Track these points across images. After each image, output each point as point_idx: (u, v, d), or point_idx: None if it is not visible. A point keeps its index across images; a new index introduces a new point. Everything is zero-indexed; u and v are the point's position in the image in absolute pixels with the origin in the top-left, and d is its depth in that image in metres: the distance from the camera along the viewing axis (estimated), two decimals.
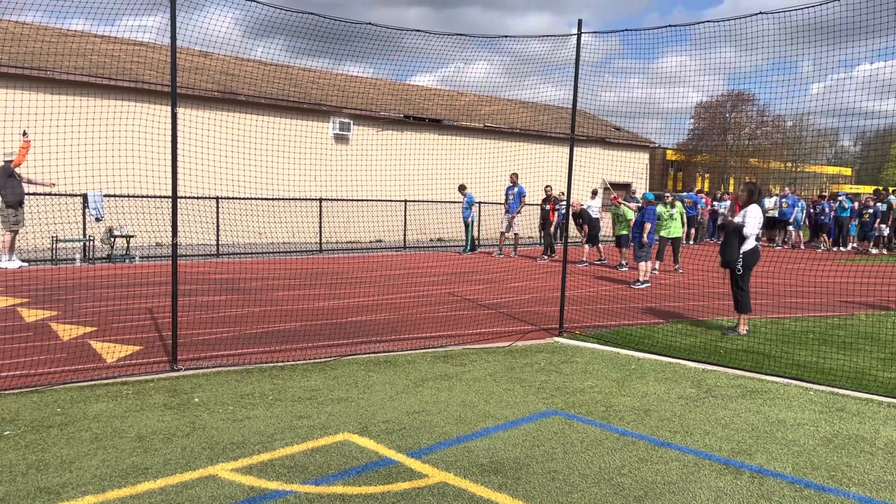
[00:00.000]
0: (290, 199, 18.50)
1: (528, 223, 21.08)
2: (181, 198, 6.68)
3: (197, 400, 5.56)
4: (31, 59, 16.57)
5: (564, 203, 23.23)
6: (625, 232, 15.44)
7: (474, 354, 7.34)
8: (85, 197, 14.93)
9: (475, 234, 19.93)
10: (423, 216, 20.96)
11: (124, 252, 15.30)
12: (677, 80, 8.80)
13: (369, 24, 8.09)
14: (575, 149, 8.59)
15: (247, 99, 19.66)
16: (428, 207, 20.67)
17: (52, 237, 14.42)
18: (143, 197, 15.71)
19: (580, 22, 8.16)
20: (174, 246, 6.54)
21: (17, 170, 13.21)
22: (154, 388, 5.83)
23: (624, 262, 15.68)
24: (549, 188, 18.77)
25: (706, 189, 34.93)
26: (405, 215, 20.88)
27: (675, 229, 14.95)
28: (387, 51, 9.20)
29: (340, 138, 22.20)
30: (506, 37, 9.05)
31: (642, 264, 12.96)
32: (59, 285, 10.98)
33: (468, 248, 19.17)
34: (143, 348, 7.17)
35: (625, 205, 15.60)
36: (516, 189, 18.24)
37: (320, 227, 19.17)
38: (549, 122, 27.76)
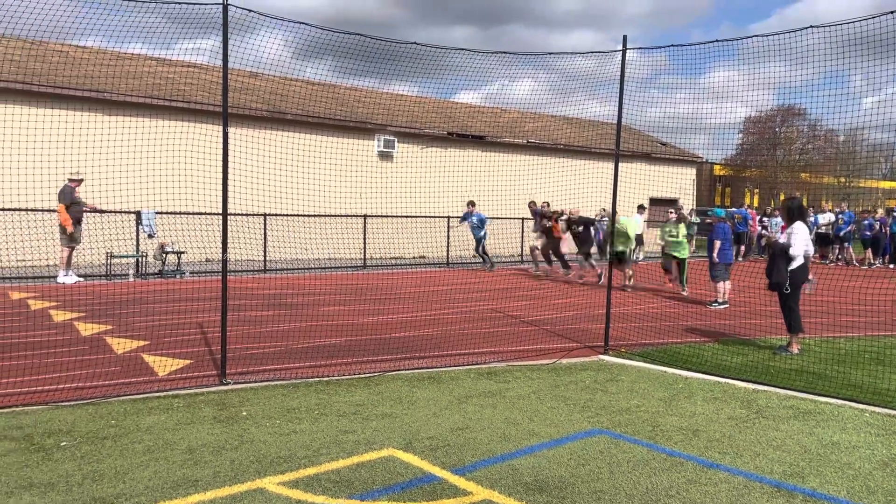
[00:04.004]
0: (335, 216, 18.74)
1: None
2: (231, 215, 6.84)
3: (245, 413, 5.66)
4: (89, 83, 17.20)
5: (606, 220, 22.98)
6: (623, 248, 14.75)
7: (518, 371, 7.32)
8: (139, 214, 15.38)
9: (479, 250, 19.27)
10: (467, 233, 21.00)
11: (175, 268, 15.69)
12: (725, 94, 8.69)
13: (415, 43, 8.21)
14: (620, 164, 8.54)
15: (294, 118, 20.05)
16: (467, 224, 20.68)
17: (107, 253, 14.87)
18: (194, 214, 16.11)
19: (625, 38, 8.14)
20: (224, 262, 6.70)
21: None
22: (204, 402, 5.96)
23: (629, 281, 14.95)
24: (545, 204, 17.74)
25: (755, 205, 34.23)
26: (448, 232, 20.95)
27: (682, 250, 14.10)
28: (432, 69, 9.31)
29: (385, 156, 22.44)
30: (550, 54, 9.08)
31: (720, 284, 12.57)
32: (114, 300, 11.31)
33: (489, 264, 18.92)
34: (194, 362, 7.33)
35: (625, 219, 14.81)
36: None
37: (364, 243, 19.36)
38: (594, 138, 27.61)
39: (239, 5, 6.63)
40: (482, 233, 18.72)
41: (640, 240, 22.73)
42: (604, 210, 22.84)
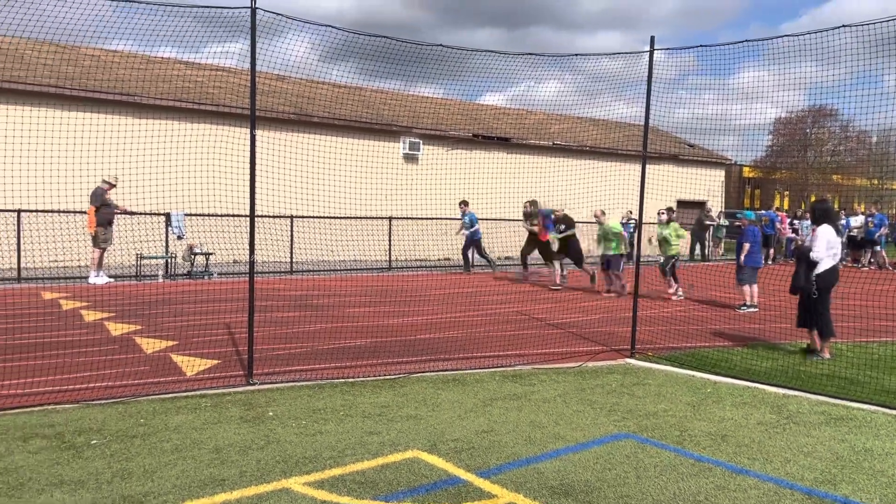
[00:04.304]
0: (360, 218, 18.82)
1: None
2: (258, 217, 6.90)
3: (271, 414, 5.69)
4: (120, 86, 17.48)
5: (633, 223, 22.70)
6: (614, 251, 14.21)
7: (543, 374, 7.28)
8: (168, 216, 15.59)
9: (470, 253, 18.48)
10: (492, 235, 20.96)
11: (204, 269, 15.86)
12: (754, 95, 8.57)
13: (441, 45, 8.22)
14: (647, 166, 8.46)
15: (320, 120, 20.19)
16: (496, 226, 20.66)
17: (137, 254, 15.08)
18: (222, 216, 16.29)
19: (652, 39, 8.07)
20: (251, 263, 6.76)
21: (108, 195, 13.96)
22: (231, 402, 6.01)
23: (624, 285, 14.05)
24: (528, 203, 16.71)
25: (786, 207, 33.73)
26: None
27: (671, 249, 13.67)
28: (457, 71, 9.31)
29: (410, 158, 22.50)
30: (577, 55, 9.03)
31: (746, 287, 12.41)
32: (143, 300, 11.47)
33: (493, 265, 18.30)
34: (221, 362, 7.40)
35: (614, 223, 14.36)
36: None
37: (389, 245, 19.42)
38: (621, 140, 27.43)
39: (267, 9, 6.69)
40: (472, 232, 17.98)
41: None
42: (630, 213, 22.67)
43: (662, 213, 13.91)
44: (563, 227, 15.01)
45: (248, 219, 6.82)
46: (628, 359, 8.11)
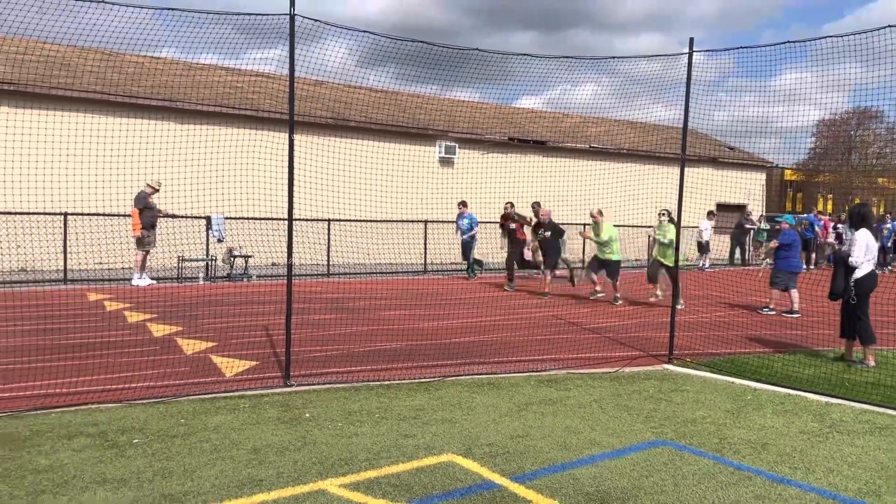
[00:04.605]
0: (396, 221, 18.92)
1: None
2: (296, 220, 6.99)
3: (308, 415, 5.75)
4: (163, 92, 17.86)
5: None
6: (615, 257, 13.22)
7: (579, 379, 7.23)
8: (209, 219, 15.86)
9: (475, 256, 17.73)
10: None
11: (243, 271, 16.10)
12: (796, 97, 8.40)
13: (477, 49, 8.23)
14: (686, 169, 8.35)
15: (357, 125, 20.36)
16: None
17: (179, 257, 15.38)
18: (260, 219, 16.54)
19: (692, 40, 7.97)
20: (289, 266, 6.85)
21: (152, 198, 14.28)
22: (268, 403, 6.09)
23: (617, 295, 13.21)
24: (508, 205, 15.96)
25: (829, 210, 32.96)
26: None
27: (671, 256, 12.16)
28: (493, 75, 9.31)
29: (446, 161, 22.54)
30: (614, 57, 8.96)
31: (775, 291, 12.14)
32: (184, 302, 11.69)
33: (471, 270, 17.31)
34: (259, 364, 7.51)
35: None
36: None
37: (425, 248, 19.48)
38: (659, 143, 27.11)
39: (305, 15, 6.78)
40: (468, 236, 17.26)
41: (706, 247, 22.17)
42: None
43: (663, 214, 13.05)
44: (547, 232, 14.10)
45: (286, 222, 6.91)
46: (666, 364, 8.01)
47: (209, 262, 15.94)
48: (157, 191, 14.29)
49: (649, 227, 22.00)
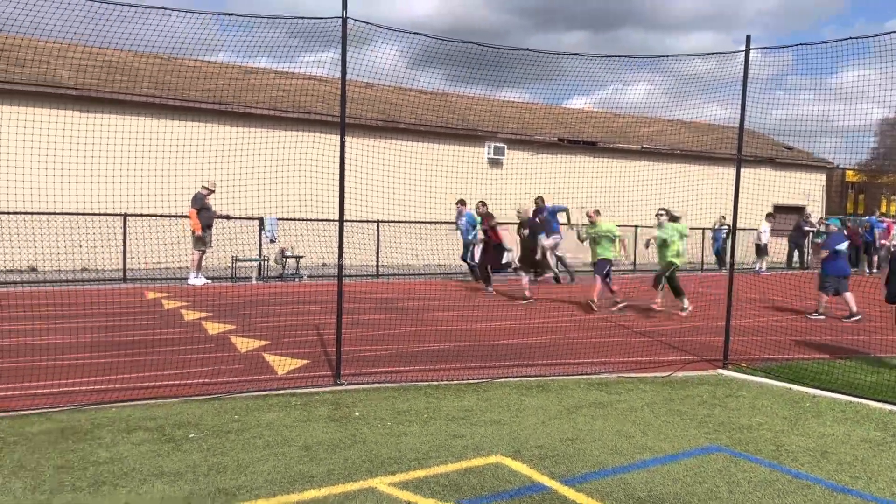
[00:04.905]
0: (445, 223, 18.96)
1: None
2: (347, 221, 7.07)
3: (357, 414, 5.81)
4: (218, 96, 18.28)
5: (725, 228, 21.85)
6: (610, 255, 12.32)
7: (630, 383, 7.12)
8: (261, 220, 16.17)
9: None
10: (570, 240, 20.70)
11: (294, 271, 16.36)
12: (858, 95, 8.12)
13: (527, 49, 8.19)
14: (742, 170, 8.16)
15: (407, 127, 20.48)
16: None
17: (233, 257, 15.71)
18: (312, 220, 16.77)
19: (748, 38, 7.79)
20: (339, 266, 6.93)
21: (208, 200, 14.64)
22: (319, 401, 6.17)
23: (594, 299, 12.10)
24: (480, 204, 14.91)
25: (893, 212, 31.75)
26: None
27: (674, 257, 11.90)
28: (543, 75, 9.26)
29: (495, 162, 22.50)
30: (667, 56, 8.81)
31: (823, 296, 11.81)
32: (238, 301, 11.93)
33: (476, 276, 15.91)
34: (310, 362, 7.61)
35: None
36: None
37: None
38: (713, 143, 26.55)
39: (357, 18, 6.86)
40: (471, 236, 16.22)
41: (764, 250, 21.62)
42: (723, 218, 21.90)
43: (662, 213, 12.14)
44: (526, 231, 13.35)
45: (336, 223, 6.99)
46: (720, 369, 7.83)
47: (262, 263, 16.25)
48: (213, 192, 14.63)
49: (702, 228, 21.53)
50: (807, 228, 23.51)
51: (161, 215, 14.94)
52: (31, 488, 4.17)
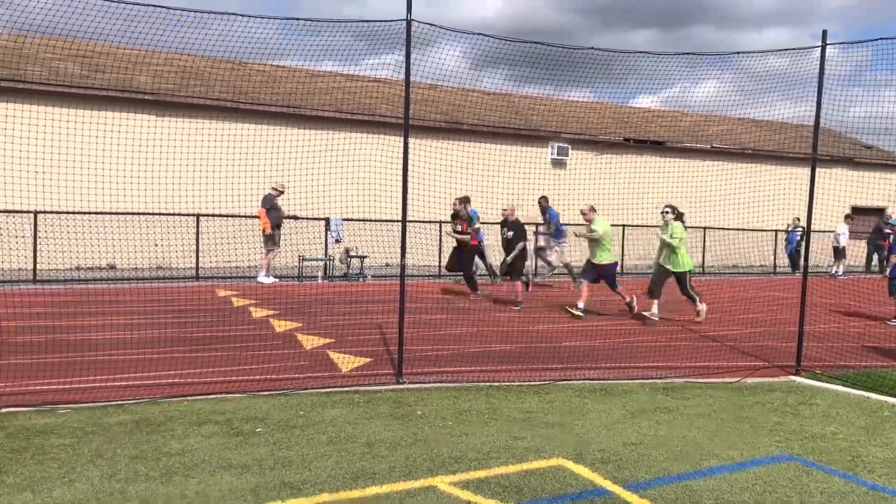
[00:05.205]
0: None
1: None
2: (410, 221, 7.13)
3: (419, 413, 5.85)
4: (286, 99, 18.72)
5: (800, 230, 21.04)
6: (607, 261, 11.26)
7: (698, 389, 6.95)
8: (327, 221, 16.48)
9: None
10: (641, 241, 20.32)
11: (358, 271, 16.60)
12: None
13: (591, 48, 8.10)
14: (817, 169, 7.86)
15: (470, 128, 20.51)
16: (645, 232, 20.01)
17: (300, 256, 16.06)
18: (376, 221, 17.00)
19: (825, 33, 7.50)
20: (402, 266, 7.00)
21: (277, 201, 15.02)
22: (381, 399, 6.24)
23: (580, 305, 11.15)
24: (456, 202, 13.82)
25: None
26: (623, 240, 20.40)
27: (679, 262, 10.84)
28: (608, 74, 9.15)
29: (558, 163, 22.31)
30: (739, 53, 8.57)
31: None
32: (304, 300, 12.18)
33: (493, 276, 14.95)
34: (373, 360, 7.71)
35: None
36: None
37: (535, 251, 19.32)
38: (786, 142, 25.65)
39: (422, 20, 6.91)
40: (481, 236, 14.85)
41: (842, 253, 20.76)
42: (797, 220, 21.13)
43: (667, 211, 10.95)
44: (510, 233, 12.43)
45: (400, 223, 7.06)
46: (793, 376, 7.56)
47: (327, 262, 16.55)
48: (282, 193, 14.98)
49: (774, 230, 20.85)
50: (886, 231, 22.44)
51: (232, 215, 15.38)
52: (108, 476, 4.36)
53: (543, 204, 15.91)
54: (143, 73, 17.67)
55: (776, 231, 22.69)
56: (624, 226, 20.09)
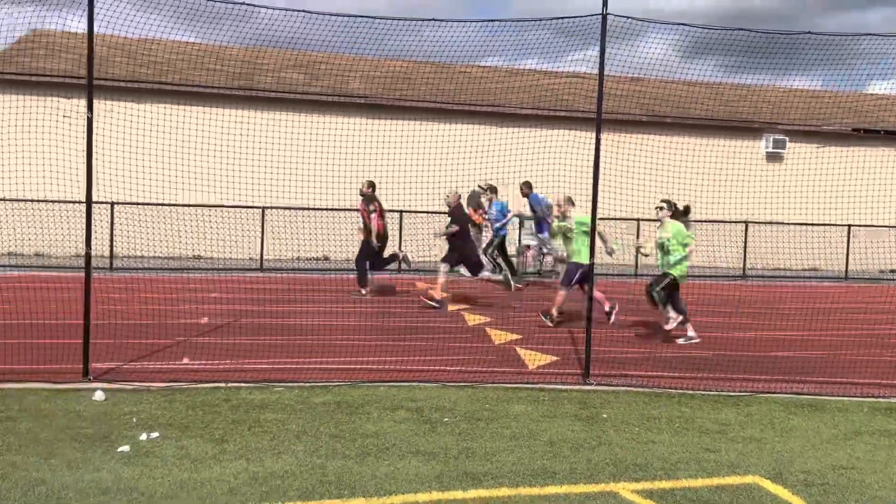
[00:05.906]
0: (713, 222, 17.84)
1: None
2: (602, 219, 7.03)
3: (605, 416, 5.74)
4: (489, 98, 19.18)
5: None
6: (584, 260, 8.89)
7: None
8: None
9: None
10: (868, 243, 18.21)
11: (550, 269, 16.57)
12: None
13: (808, 32, 7.44)
14: None
15: (673, 121, 19.63)
16: (873, 234, 17.91)
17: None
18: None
19: None
20: (591, 266, 6.91)
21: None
22: (566, 399, 6.21)
23: (553, 313, 9.73)
24: (364, 185, 12.64)
25: None
26: (848, 242, 18.43)
27: (676, 264, 8.91)
28: (835, 59, 8.40)
29: (773, 157, 20.65)
30: None
31: None
32: (498, 295, 12.39)
33: (504, 276, 12.74)
34: (560, 359, 7.69)
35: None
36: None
37: (745, 250, 18.11)
38: None
39: (618, 13, 6.75)
40: (504, 231, 14.26)
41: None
42: None
43: (663, 207, 9.22)
44: (455, 228, 11.41)
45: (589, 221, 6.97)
46: None
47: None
48: (492, 190, 15.31)
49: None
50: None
51: (436, 212, 16.02)
52: (310, 452, 4.77)
53: (525, 191, 14.07)
54: (359, 79, 18.98)
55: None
56: (850, 225, 18.15)
